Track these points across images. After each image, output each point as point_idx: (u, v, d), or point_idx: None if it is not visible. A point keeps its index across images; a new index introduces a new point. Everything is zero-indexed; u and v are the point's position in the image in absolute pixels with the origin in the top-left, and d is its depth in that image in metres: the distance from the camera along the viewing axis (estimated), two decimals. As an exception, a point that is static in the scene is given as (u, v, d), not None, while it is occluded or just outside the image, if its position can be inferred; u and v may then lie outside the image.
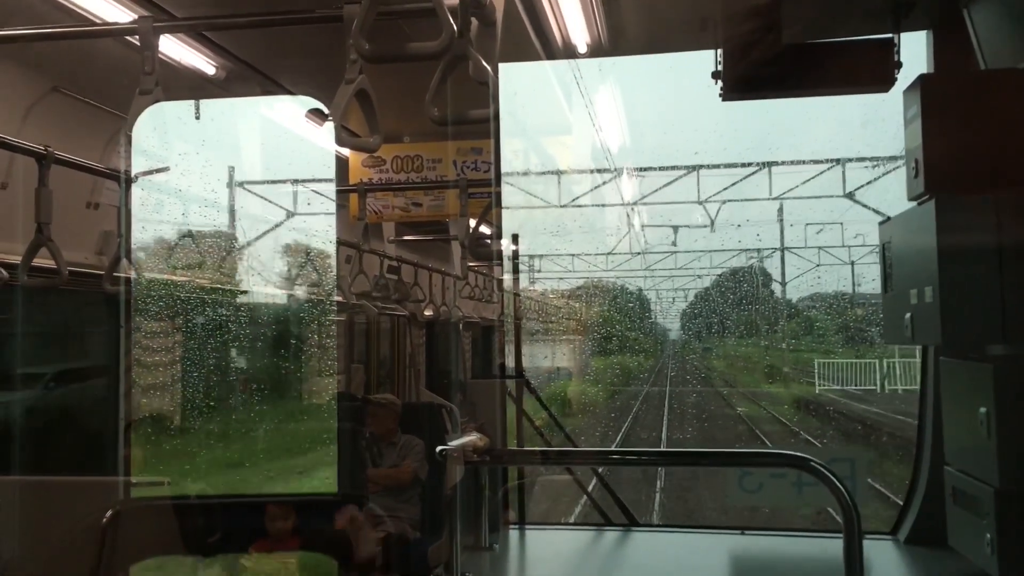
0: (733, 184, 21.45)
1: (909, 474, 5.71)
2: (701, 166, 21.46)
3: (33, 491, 3.75)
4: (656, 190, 22.09)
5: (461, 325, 9.70)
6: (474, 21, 2.81)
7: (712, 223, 23.76)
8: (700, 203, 22.05)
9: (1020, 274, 4.19)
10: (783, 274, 31.82)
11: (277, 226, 8.35)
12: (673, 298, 39.12)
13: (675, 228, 27.63)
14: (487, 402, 7.50)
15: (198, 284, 6.84)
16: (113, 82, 4.33)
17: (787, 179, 21.41)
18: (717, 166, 21.66)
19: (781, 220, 28.79)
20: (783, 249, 30.29)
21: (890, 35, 5.16)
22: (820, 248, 29.04)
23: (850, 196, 20.84)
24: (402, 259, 7.87)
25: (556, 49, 5.73)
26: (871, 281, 28.05)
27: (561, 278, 32.01)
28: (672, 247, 29.24)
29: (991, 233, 4.22)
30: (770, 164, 21.28)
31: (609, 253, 29.54)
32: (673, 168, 21.60)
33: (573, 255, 30.15)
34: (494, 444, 6.05)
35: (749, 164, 21.51)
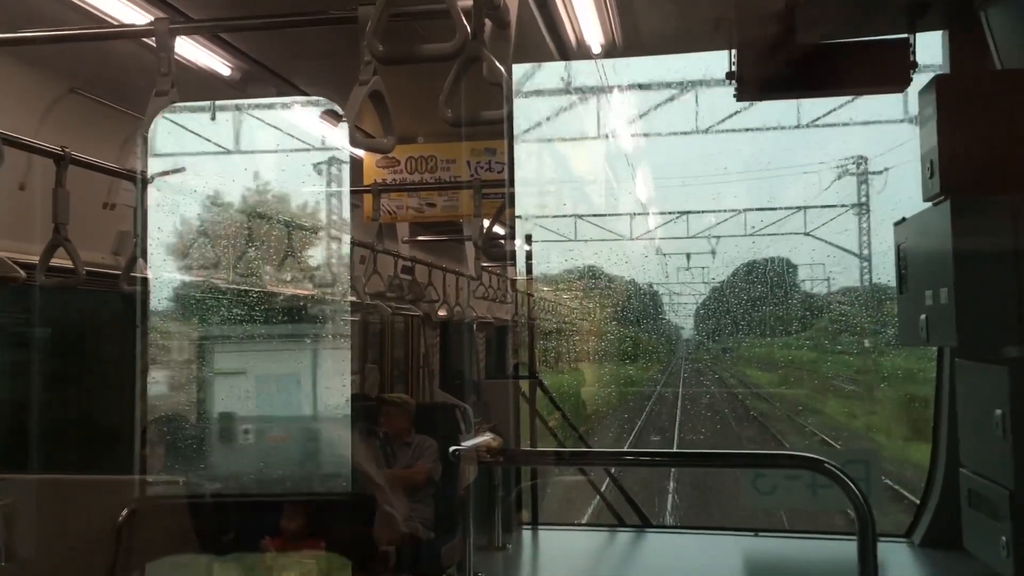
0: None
1: None
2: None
3: (49, 489, 3.78)
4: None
5: (475, 325, 9.71)
6: (488, 22, 2.82)
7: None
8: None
9: (1036, 275, 4.16)
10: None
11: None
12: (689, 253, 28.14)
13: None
14: (501, 402, 7.51)
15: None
16: (129, 84, 4.36)
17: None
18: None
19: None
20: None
21: (905, 35, 5.13)
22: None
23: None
24: (416, 259, 7.88)
25: (570, 50, 5.72)
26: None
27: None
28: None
29: (1007, 234, 4.20)
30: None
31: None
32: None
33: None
34: (507, 444, 6.06)
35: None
